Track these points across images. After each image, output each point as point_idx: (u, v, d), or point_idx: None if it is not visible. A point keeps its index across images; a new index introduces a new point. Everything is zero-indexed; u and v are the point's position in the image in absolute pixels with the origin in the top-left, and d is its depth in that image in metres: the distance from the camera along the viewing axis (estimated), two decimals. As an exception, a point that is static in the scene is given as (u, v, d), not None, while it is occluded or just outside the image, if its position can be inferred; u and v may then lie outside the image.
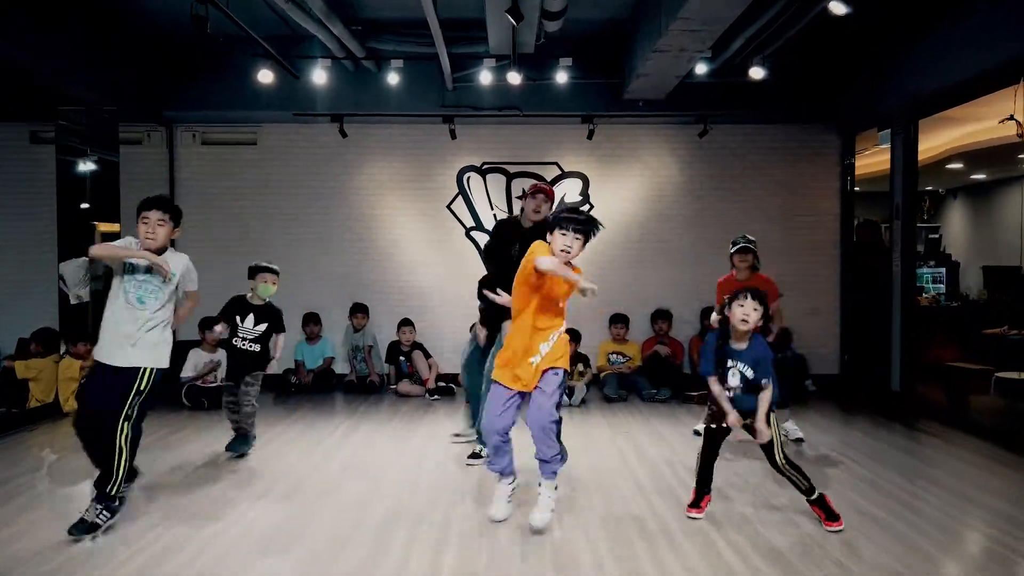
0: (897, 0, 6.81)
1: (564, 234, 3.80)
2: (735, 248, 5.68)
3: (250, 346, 5.49)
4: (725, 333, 4.09)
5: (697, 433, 6.12)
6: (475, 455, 5.22)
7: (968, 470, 5.14)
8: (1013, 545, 3.71)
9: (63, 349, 7.29)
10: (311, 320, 8.61)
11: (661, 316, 8.48)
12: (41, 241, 7.99)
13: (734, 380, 4.04)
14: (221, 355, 7.60)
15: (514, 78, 7.45)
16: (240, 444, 5.47)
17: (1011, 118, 5.96)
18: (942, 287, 10.89)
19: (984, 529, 4.00)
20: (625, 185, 8.98)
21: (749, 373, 4.00)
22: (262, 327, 5.52)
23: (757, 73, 7.25)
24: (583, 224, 3.81)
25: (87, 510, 3.85)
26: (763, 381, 3.96)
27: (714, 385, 4.08)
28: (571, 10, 6.71)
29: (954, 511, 4.23)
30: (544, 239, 3.91)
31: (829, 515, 3.90)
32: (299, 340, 8.60)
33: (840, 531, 3.84)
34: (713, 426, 4.16)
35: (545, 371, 3.87)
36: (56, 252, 7.50)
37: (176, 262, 4.09)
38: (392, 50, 7.80)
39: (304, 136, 8.90)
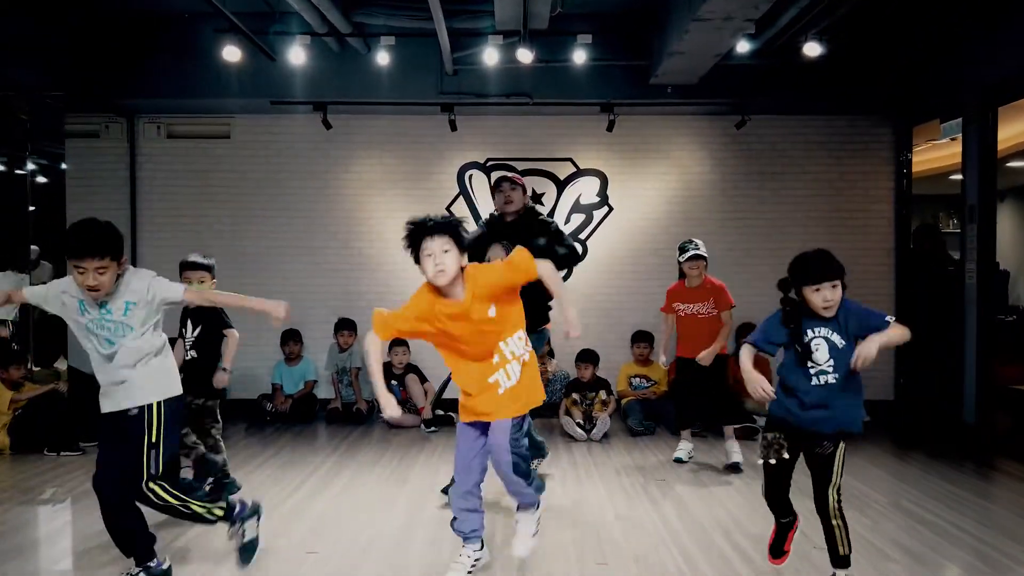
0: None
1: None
2: (686, 256, 5.53)
3: (189, 355, 4.67)
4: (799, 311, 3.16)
5: (679, 460, 5.56)
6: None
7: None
8: None
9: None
10: (291, 338, 7.58)
11: None
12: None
13: (821, 354, 3.09)
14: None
15: (524, 56, 6.44)
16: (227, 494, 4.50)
17: None
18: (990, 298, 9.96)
19: None
20: (650, 184, 8.02)
21: (839, 341, 3.07)
22: (199, 331, 4.69)
23: (812, 50, 6.24)
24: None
25: None
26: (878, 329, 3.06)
27: (745, 356, 3.17)
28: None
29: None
30: (533, 228, 4.21)
31: None
32: (277, 361, 7.58)
33: None
34: (772, 461, 3.19)
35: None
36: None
37: (135, 287, 3.23)
38: (383, 25, 6.81)
39: (283, 128, 7.94)
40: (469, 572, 3.35)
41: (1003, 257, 11.15)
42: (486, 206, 7.92)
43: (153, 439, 3.22)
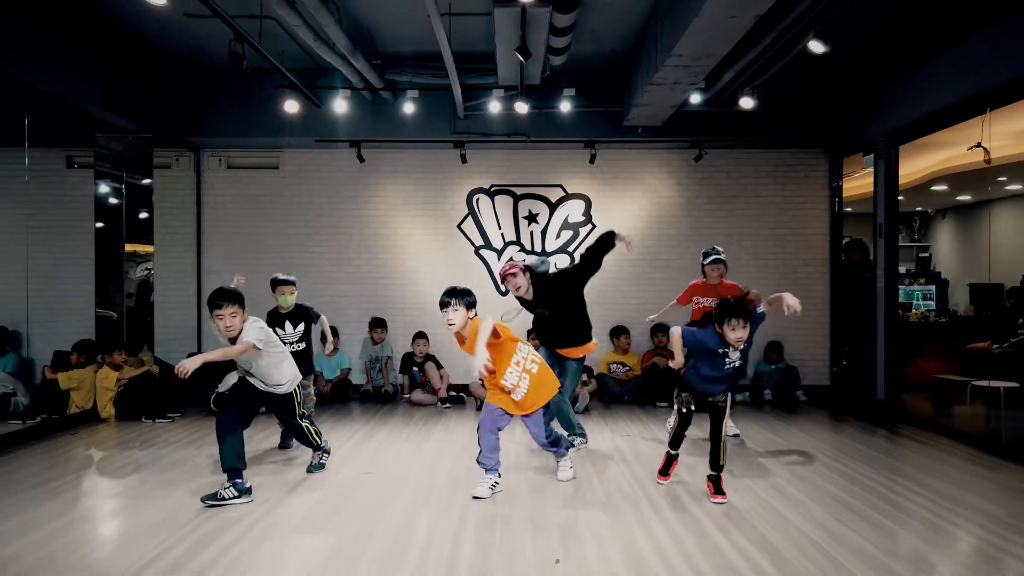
0: (874, 38, 7.36)
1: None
2: (709, 259, 6.49)
3: (296, 347, 6.20)
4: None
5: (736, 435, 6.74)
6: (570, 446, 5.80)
7: (940, 468, 5.61)
8: (962, 524, 4.19)
9: (100, 359, 7.80)
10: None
11: (661, 329, 8.96)
12: (76, 260, 8.54)
13: (735, 356, 4.67)
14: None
15: (521, 107, 7.99)
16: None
17: (979, 145, 6.46)
18: (932, 304, 11.35)
19: (952, 518, 4.47)
20: (626, 206, 9.51)
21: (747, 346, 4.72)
22: (301, 328, 6.28)
23: (747, 103, 7.77)
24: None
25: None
26: (760, 322, 4.72)
27: (675, 335, 4.80)
28: (574, 46, 7.27)
29: (925, 502, 4.70)
30: (540, 295, 5.93)
31: (717, 490, 4.72)
32: (317, 352, 9.08)
33: (723, 503, 4.60)
34: (685, 410, 4.88)
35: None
36: (93, 270, 8.05)
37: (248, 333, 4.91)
38: (408, 81, 8.37)
39: (324, 160, 9.46)
40: (491, 489, 4.84)
41: (944, 267, 12.70)
42: (490, 224, 9.50)
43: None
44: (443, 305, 4.80)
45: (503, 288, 6.45)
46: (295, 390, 5.28)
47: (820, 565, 3.63)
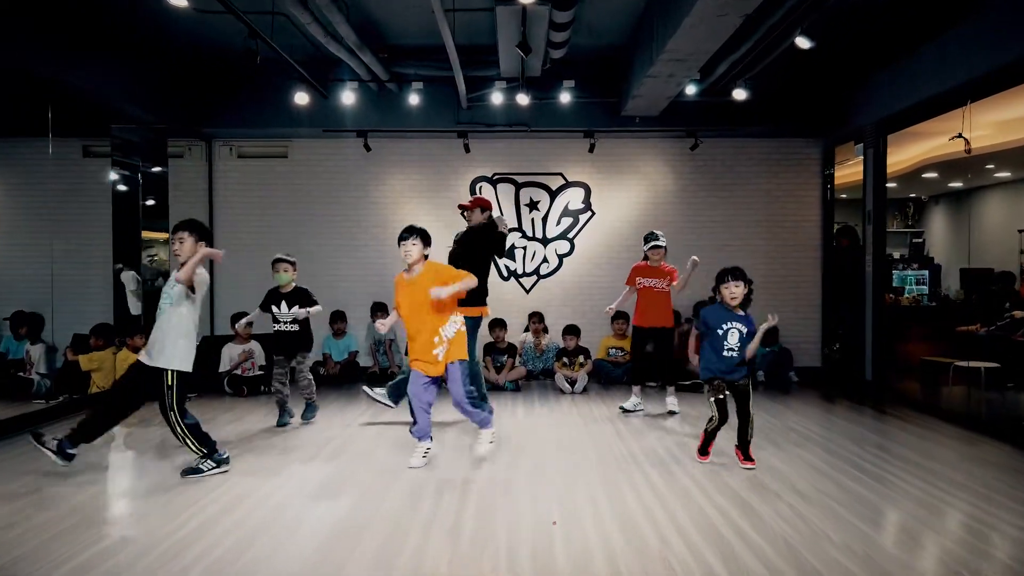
0: (862, 31, 7.62)
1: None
2: (650, 245, 7.05)
3: (289, 327, 6.45)
4: (720, 305, 5.14)
5: (624, 410, 7.13)
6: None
7: (922, 444, 5.93)
8: (942, 497, 4.52)
9: (118, 341, 8.14)
10: (338, 318, 9.43)
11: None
12: (94, 246, 8.84)
13: (733, 338, 5.04)
14: (253, 344, 8.49)
15: (522, 99, 8.26)
16: (309, 412, 6.68)
17: (959, 135, 6.74)
18: (925, 288, 11.63)
19: (920, 485, 4.80)
20: (624, 193, 9.80)
21: (743, 328, 5.06)
22: (295, 309, 6.46)
23: (740, 95, 8.06)
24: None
25: None
26: (752, 333, 5.12)
27: (692, 341, 5.33)
28: (574, 38, 7.54)
29: (910, 477, 5.04)
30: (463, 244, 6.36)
31: (747, 457, 5.11)
32: (326, 335, 9.42)
33: (752, 469, 5.00)
34: (721, 396, 5.12)
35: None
36: (111, 256, 8.36)
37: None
38: (413, 73, 8.65)
39: (331, 150, 9.75)
40: (423, 457, 5.15)
41: (936, 253, 12.97)
42: (493, 212, 9.77)
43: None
44: (402, 239, 5.10)
45: (461, 211, 6.81)
46: (172, 376, 4.78)
47: (800, 531, 3.97)
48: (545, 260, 9.84)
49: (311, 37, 7.23)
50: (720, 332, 5.06)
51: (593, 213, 9.78)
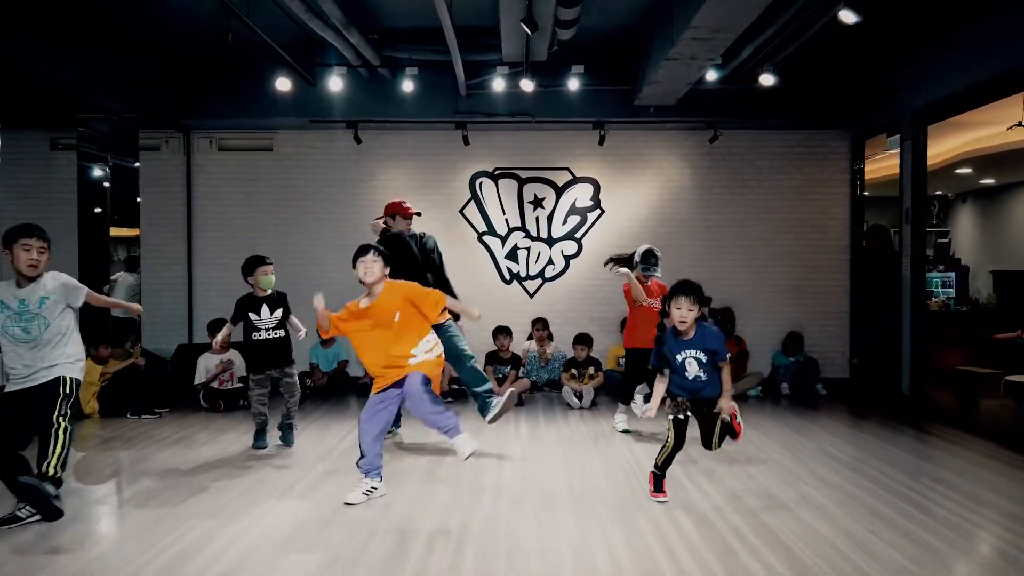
0: (906, 9, 6.90)
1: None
2: (653, 270, 6.52)
3: (274, 334, 5.78)
4: (671, 332, 4.41)
5: (626, 431, 6.47)
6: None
7: (976, 471, 5.21)
8: (1019, 544, 3.78)
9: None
10: (326, 323, 8.72)
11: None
12: (60, 244, 8.14)
13: (692, 368, 4.32)
14: (232, 354, 7.78)
15: (527, 85, 7.57)
16: (288, 434, 5.89)
17: (1020, 124, 6.03)
18: (951, 291, 10.94)
19: (991, 528, 4.07)
20: (636, 190, 9.10)
21: (702, 356, 4.30)
22: (279, 313, 5.80)
23: (767, 80, 7.35)
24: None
25: None
26: (719, 361, 4.31)
27: (659, 383, 4.43)
28: (583, 18, 6.82)
29: (962, 510, 4.30)
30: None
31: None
32: (313, 344, 8.73)
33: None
34: (681, 416, 4.40)
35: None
36: (77, 254, 7.67)
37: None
38: (407, 58, 7.96)
39: (319, 142, 9.07)
40: (366, 495, 4.46)
41: (964, 254, 12.27)
42: (494, 209, 9.11)
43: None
44: (359, 257, 4.55)
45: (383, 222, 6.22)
46: (70, 378, 4.35)
47: (841, 572, 3.25)
48: (551, 262, 9.14)
49: (292, 14, 6.51)
50: (677, 361, 4.36)
51: (602, 211, 9.10)
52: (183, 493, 4.67)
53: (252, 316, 5.77)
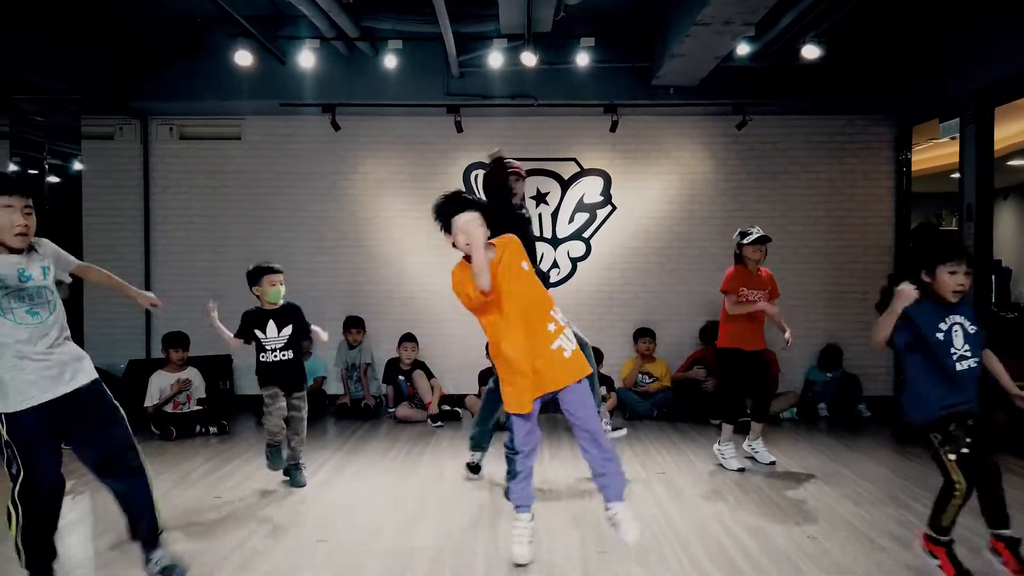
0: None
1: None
2: (751, 239, 5.39)
3: (282, 355, 4.93)
4: (928, 302, 3.31)
5: (740, 470, 5.27)
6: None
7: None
8: None
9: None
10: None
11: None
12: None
13: (959, 340, 3.30)
14: (191, 373, 6.85)
15: (528, 59, 6.55)
16: (297, 475, 5.00)
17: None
18: (991, 296, 9.99)
19: None
20: (652, 183, 8.08)
21: (969, 326, 3.33)
22: (287, 331, 4.98)
23: (811, 52, 6.30)
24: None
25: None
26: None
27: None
28: (595, -20, 5.81)
29: None
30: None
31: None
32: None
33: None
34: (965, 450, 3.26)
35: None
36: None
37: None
38: (390, 29, 6.93)
39: (292, 129, 8.04)
40: (530, 539, 3.55)
41: (1005, 254, 11.25)
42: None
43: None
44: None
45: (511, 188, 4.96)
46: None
47: None
48: (556, 265, 8.10)
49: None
50: (939, 334, 3.30)
51: (613, 207, 8.07)
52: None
53: (259, 333, 4.95)
